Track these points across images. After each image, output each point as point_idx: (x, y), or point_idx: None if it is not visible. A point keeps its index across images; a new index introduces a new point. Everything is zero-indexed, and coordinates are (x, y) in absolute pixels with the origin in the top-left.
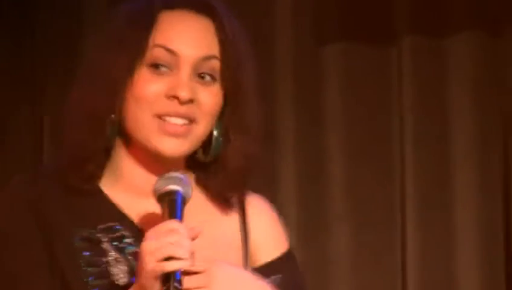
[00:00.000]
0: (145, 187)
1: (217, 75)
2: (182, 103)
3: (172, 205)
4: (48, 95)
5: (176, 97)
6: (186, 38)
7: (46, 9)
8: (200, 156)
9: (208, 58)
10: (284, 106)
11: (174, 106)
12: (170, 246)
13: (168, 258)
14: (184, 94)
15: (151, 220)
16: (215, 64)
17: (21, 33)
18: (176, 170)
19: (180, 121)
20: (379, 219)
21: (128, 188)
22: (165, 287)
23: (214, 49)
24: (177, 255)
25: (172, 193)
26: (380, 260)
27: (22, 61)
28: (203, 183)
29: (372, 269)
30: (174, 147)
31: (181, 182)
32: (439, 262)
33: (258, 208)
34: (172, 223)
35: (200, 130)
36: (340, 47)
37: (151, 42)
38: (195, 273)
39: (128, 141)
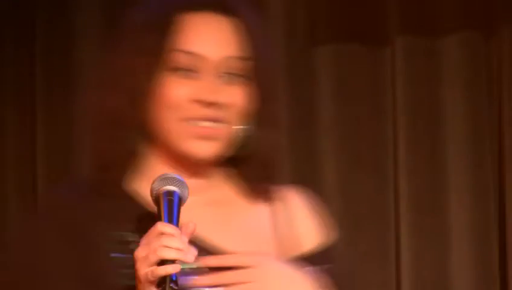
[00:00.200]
0: None
1: (242, 74)
2: (209, 106)
3: (168, 206)
4: (40, 96)
5: (202, 101)
6: (208, 39)
7: (44, 11)
8: (231, 152)
9: (232, 58)
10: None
11: (201, 109)
12: (159, 250)
13: (160, 262)
14: (211, 97)
15: (189, 217)
16: (240, 63)
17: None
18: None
19: (209, 124)
20: (373, 221)
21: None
22: (160, 288)
23: (237, 48)
24: (167, 257)
25: (169, 194)
26: (374, 262)
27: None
28: (235, 178)
29: (366, 272)
30: (205, 149)
31: (178, 183)
32: (433, 264)
33: (295, 200)
34: (160, 226)
35: (229, 130)
36: (332, 48)
37: (172, 46)
38: (241, 267)
39: (155, 142)
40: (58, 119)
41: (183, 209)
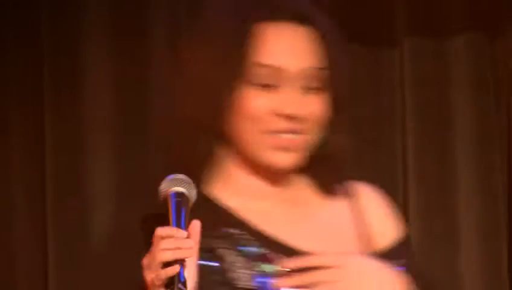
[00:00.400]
0: (256, 189)
1: (321, 83)
2: (289, 119)
3: (176, 207)
4: (48, 96)
5: (283, 114)
6: (287, 51)
7: (50, 10)
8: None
9: (310, 68)
10: None
11: (281, 122)
12: (158, 254)
13: (164, 265)
14: (291, 111)
15: (266, 220)
16: (319, 73)
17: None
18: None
19: (290, 136)
20: None
21: (238, 191)
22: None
23: (314, 58)
24: (166, 260)
25: (177, 195)
26: None
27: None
28: (311, 178)
29: None
30: (284, 160)
31: (185, 184)
32: (442, 266)
33: (367, 195)
34: (159, 231)
35: (309, 139)
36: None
37: (251, 59)
38: (323, 267)
39: (233, 150)
40: (67, 118)
41: (262, 212)
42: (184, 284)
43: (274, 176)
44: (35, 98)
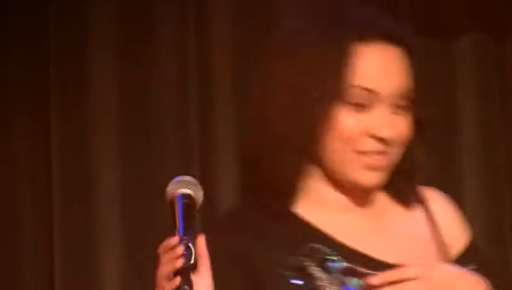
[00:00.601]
0: (340, 204)
1: (407, 103)
2: (381, 140)
3: (183, 209)
4: (54, 96)
5: (375, 136)
6: (382, 74)
7: (56, 10)
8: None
9: (402, 89)
10: None
11: (373, 143)
12: (163, 266)
13: (172, 276)
14: (383, 133)
15: (350, 234)
16: (409, 93)
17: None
18: None
19: (379, 157)
20: None
21: (323, 206)
22: None
23: (406, 79)
24: (171, 270)
25: (183, 197)
26: None
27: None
28: (388, 190)
29: None
30: (374, 180)
31: (192, 186)
32: None
33: (438, 201)
34: (165, 243)
35: (396, 158)
36: None
37: (348, 81)
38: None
39: (322, 166)
40: (73, 119)
41: (346, 226)
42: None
43: (359, 192)
44: (41, 98)
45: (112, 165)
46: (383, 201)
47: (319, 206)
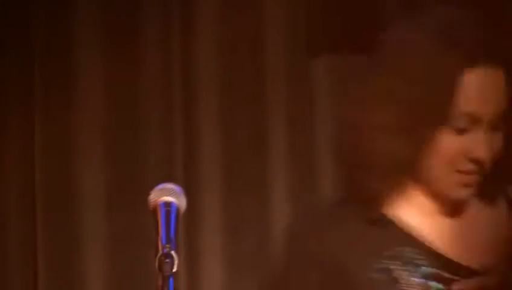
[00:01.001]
0: (431, 209)
1: (501, 123)
2: (478, 162)
3: (166, 217)
4: (38, 97)
5: (474, 159)
6: (485, 99)
7: (41, 11)
8: None
9: (501, 111)
10: (276, 118)
11: (471, 165)
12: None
13: None
14: (481, 156)
15: (441, 238)
16: (504, 113)
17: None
18: None
19: (474, 176)
20: None
21: (416, 210)
22: None
23: (504, 100)
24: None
25: (166, 205)
26: None
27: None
28: (480, 192)
29: None
30: (464, 194)
31: (175, 194)
32: None
33: None
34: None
35: (487, 171)
36: (332, 58)
37: (454, 107)
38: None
39: (419, 178)
40: (58, 120)
41: (435, 230)
42: None
43: (451, 201)
44: (27, 99)
45: (97, 166)
46: (475, 206)
47: (412, 210)
